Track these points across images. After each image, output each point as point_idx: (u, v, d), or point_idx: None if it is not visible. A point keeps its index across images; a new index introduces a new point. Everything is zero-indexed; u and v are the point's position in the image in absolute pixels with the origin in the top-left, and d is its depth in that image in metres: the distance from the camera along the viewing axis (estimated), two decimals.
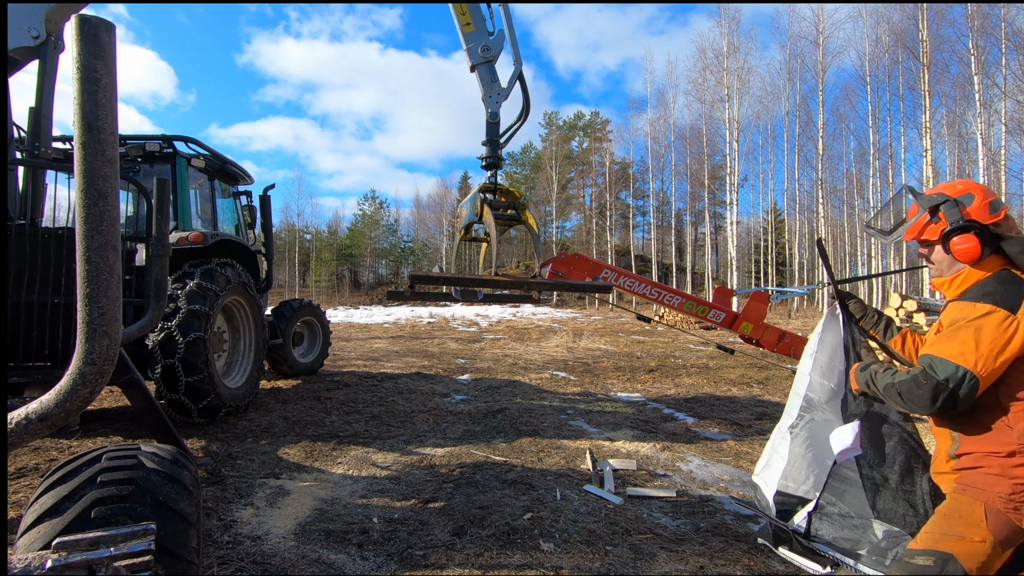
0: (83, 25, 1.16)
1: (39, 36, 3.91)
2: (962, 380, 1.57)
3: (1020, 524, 1.59)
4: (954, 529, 1.64)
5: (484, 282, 4.25)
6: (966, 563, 1.58)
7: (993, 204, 1.79)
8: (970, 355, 1.58)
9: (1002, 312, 1.59)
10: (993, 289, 1.67)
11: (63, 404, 1.21)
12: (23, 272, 3.57)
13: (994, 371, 1.59)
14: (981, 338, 1.58)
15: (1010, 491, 1.60)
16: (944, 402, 1.59)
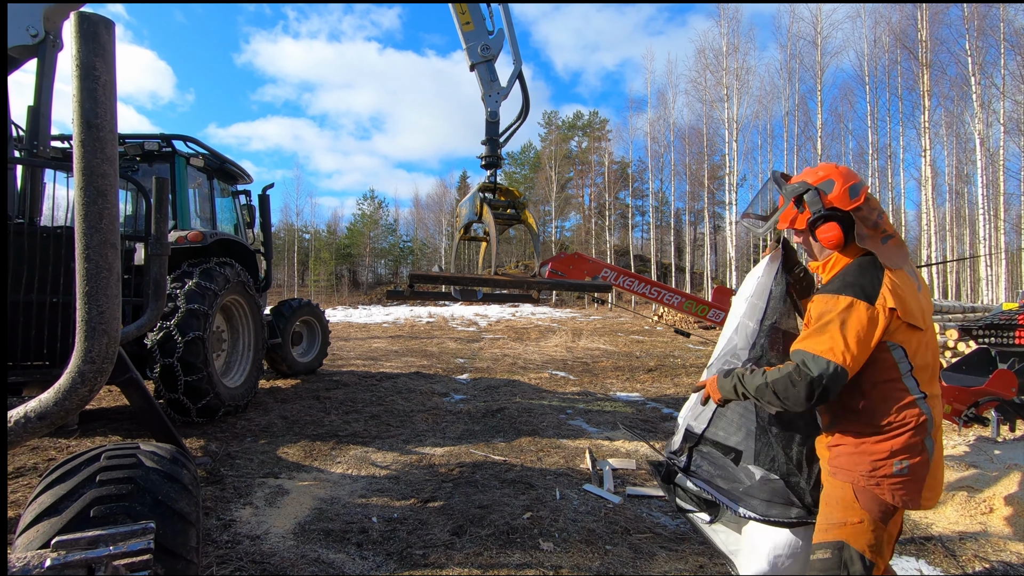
0: (82, 22, 1.16)
1: (38, 35, 3.90)
2: (834, 374, 1.60)
3: (889, 500, 1.64)
4: (835, 516, 1.69)
5: (484, 281, 4.24)
6: (857, 545, 1.63)
7: (853, 189, 1.78)
8: (838, 349, 1.60)
9: (863, 304, 1.62)
10: (853, 280, 1.69)
11: (62, 403, 1.20)
12: (22, 271, 3.56)
13: (859, 360, 1.63)
14: (847, 332, 1.61)
15: (870, 468, 1.65)
16: (819, 397, 1.63)
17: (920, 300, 1.70)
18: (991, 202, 19.40)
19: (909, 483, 1.63)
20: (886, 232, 1.75)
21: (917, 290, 1.72)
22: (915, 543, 3.11)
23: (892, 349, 1.64)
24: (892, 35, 22.30)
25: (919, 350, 1.66)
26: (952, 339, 9.35)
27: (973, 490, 3.67)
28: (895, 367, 1.65)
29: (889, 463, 1.63)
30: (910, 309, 1.64)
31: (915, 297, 1.68)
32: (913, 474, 1.63)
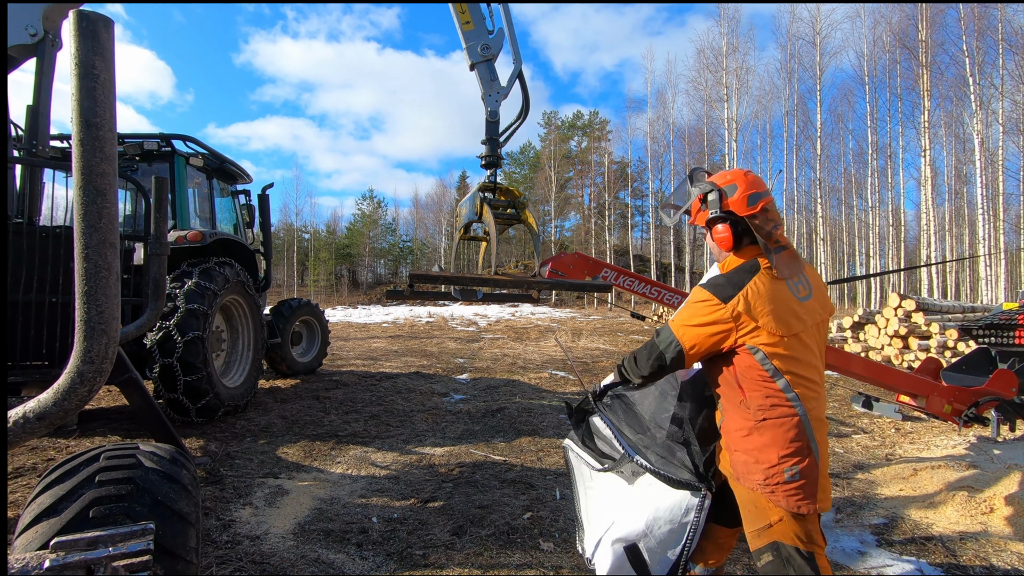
0: (81, 21, 1.15)
1: (37, 34, 3.89)
2: (669, 345, 1.77)
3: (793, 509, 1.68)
4: (758, 522, 1.77)
5: (484, 281, 4.23)
6: (788, 541, 1.71)
7: (752, 197, 1.84)
8: (681, 328, 1.77)
9: (714, 301, 1.74)
10: (722, 280, 1.80)
11: (61, 403, 1.20)
12: (20, 271, 3.55)
13: (698, 349, 1.77)
14: (692, 321, 1.76)
15: (763, 478, 1.72)
16: (658, 367, 1.80)
17: (793, 307, 1.77)
18: (990, 202, 19.41)
19: (804, 487, 1.67)
20: (779, 243, 1.82)
21: (795, 298, 1.79)
22: (915, 543, 3.11)
23: (753, 352, 1.73)
24: (892, 35, 22.32)
25: (779, 352, 1.72)
26: (952, 339, 9.36)
27: (973, 490, 3.67)
28: (759, 368, 1.73)
29: (780, 471, 1.68)
30: (764, 313, 1.71)
31: (784, 304, 1.75)
32: (805, 478, 1.68)
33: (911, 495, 3.83)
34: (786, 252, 1.82)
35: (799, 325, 1.76)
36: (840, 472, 4.33)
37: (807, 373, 1.75)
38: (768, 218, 1.82)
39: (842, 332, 11.43)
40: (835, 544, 3.11)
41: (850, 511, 3.57)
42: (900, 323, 9.89)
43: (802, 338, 1.77)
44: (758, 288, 1.73)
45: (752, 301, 1.71)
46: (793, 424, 1.69)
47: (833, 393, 7.26)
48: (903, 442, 5.17)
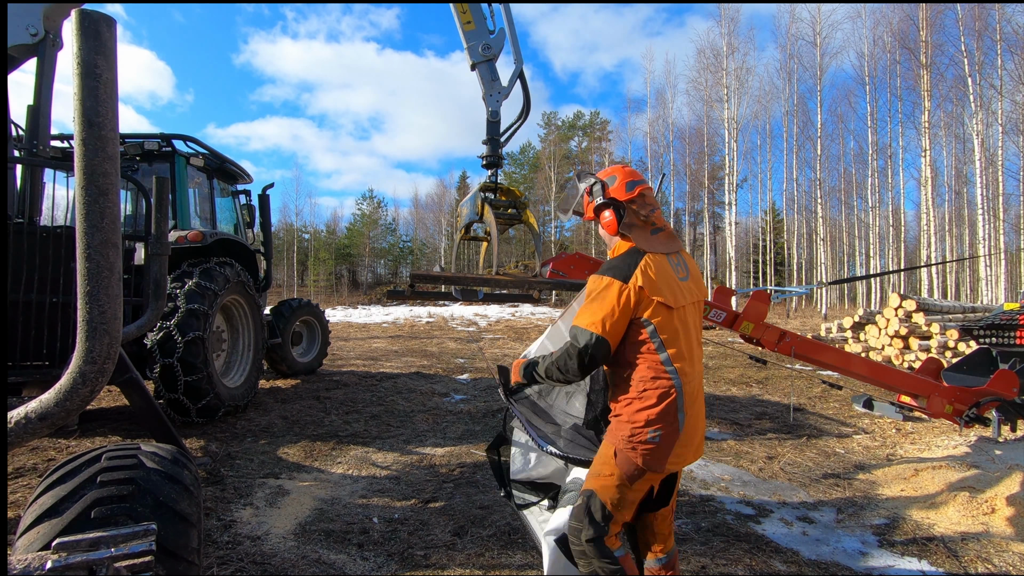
0: (84, 20, 1.15)
1: (37, 34, 3.88)
2: (596, 343, 1.85)
3: (639, 463, 1.87)
4: (596, 468, 1.97)
5: (485, 281, 4.23)
6: (602, 496, 1.91)
7: (629, 184, 2.06)
8: (598, 322, 1.86)
9: (618, 283, 1.87)
10: (616, 263, 1.94)
11: (63, 403, 1.19)
12: (21, 271, 3.55)
13: (616, 331, 1.88)
14: (604, 307, 1.87)
15: (629, 433, 1.88)
16: (587, 364, 1.89)
17: (676, 284, 1.96)
18: (990, 202, 19.41)
19: (658, 449, 1.87)
20: (655, 225, 2.04)
21: (676, 276, 1.98)
22: (917, 543, 3.10)
23: (645, 325, 1.89)
24: (893, 35, 22.31)
25: (667, 326, 1.90)
26: (953, 339, 9.35)
27: (975, 491, 3.66)
28: (648, 341, 1.89)
29: (645, 431, 1.87)
30: (658, 288, 1.89)
31: (669, 281, 1.94)
32: (663, 442, 1.87)
33: (912, 495, 3.83)
34: (663, 233, 2.04)
35: (683, 300, 1.96)
36: (841, 472, 4.33)
37: (685, 349, 1.93)
38: (645, 202, 2.05)
39: (842, 332, 11.42)
40: (836, 544, 3.11)
41: (851, 511, 3.57)
42: (901, 323, 9.89)
43: (684, 314, 1.96)
44: (649, 265, 1.91)
45: (647, 277, 1.88)
46: (668, 395, 1.87)
47: (834, 393, 7.26)
48: (904, 442, 5.17)
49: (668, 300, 1.89)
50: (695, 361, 1.97)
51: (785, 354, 4.61)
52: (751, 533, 3.21)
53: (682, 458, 1.93)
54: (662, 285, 1.89)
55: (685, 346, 1.93)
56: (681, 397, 1.88)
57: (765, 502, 3.71)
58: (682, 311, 1.94)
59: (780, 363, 9.27)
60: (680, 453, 1.91)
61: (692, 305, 2.02)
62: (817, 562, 2.91)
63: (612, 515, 1.91)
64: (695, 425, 1.94)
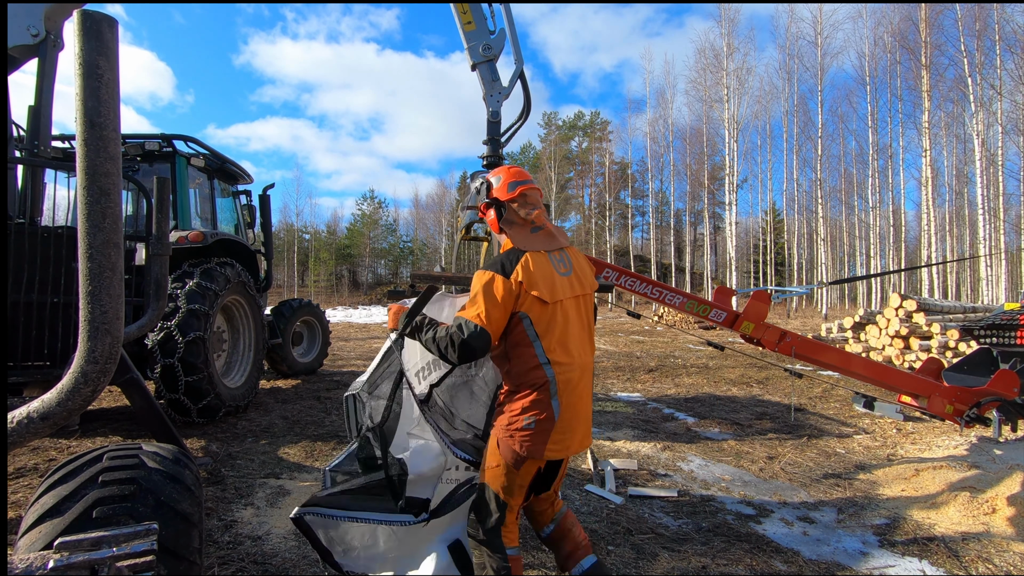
0: (86, 21, 1.15)
1: (38, 34, 3.89)
2: (478, 335, 1.92)
3: (517, 450, 1.96)
4: (485, 462, 2.09)
5: None
6: (492, 486, 2.03)
7: (511, 184, 2.17)
8: (481, 314, 1.93)
9: (500, 278, 1.97)
10: (499, 259, 2.04)
11: (65, 403, 1.20)
12: (22, 271, 3.55)
13: (497, 324, 1.97)
14: (487, 300, 1.94)
15: (507, 422, 2.00)
16: (468, 354, 1.94)
17: (555, 280, 2.06)
18: (991, 202, 19.40)
19: (535, 436, 1.96)
20: (535, 224, 2.15)
21: (556, 272, 2.08)
22: (918, 544, 3.10)
23: (523, 318, 1.99)
24: (893, 36, 22.31)
25: (541, 319, 2.00)
26: (953, 339, 9.35)
27: (976, 491, 3.66)
28: (525, 334, 1.99)
29: (521, 419, 1.97)
30: (535, 283, 1.99)
31: (547, 276, 2.03)
32: (538, 429, 1.96)
33: (913, 495, 3.83)
34: (542, 231, 2.14)
35: (562, 294, 2.06)
36: (841, 472, 4.33)
37: (561, 341, 2.02)
38: (527, 202, 2.16)
39: (843, 332, 11.42)
40: (837, 544, 3.11)
41: (852, 511, 3.57)
42: (901, 323, 9.89)
43: (563, 307, 2.06)
44: (529, 261, 2.02)
45: (527, 272, 1.99)
46: (541, 385, 1.97)
47: (834, 393, 7.26)
48: (904, 442, 5.17)
49: (544, 295, 1.99)
50: (574, 353, 2.05)
51: (786, 354, 4.61)
52: (752, 533, 3.21)
53: (563, 445, 2.01)
54: (539, 280, 2.00)
55: (561, 338, 2.02)
56: (554, 386, 1.97)
57: (766, 502, 3.71)
58: (560, 305, 2.05)
59: (780, 363, 9.28)
60: (559, 440, 1.99)
61: (574, 299, 2.11)
62: (818, 562, 2.91)
63: (505, 503, 2.02)
64: (574, 414, 2.02)
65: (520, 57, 4.31)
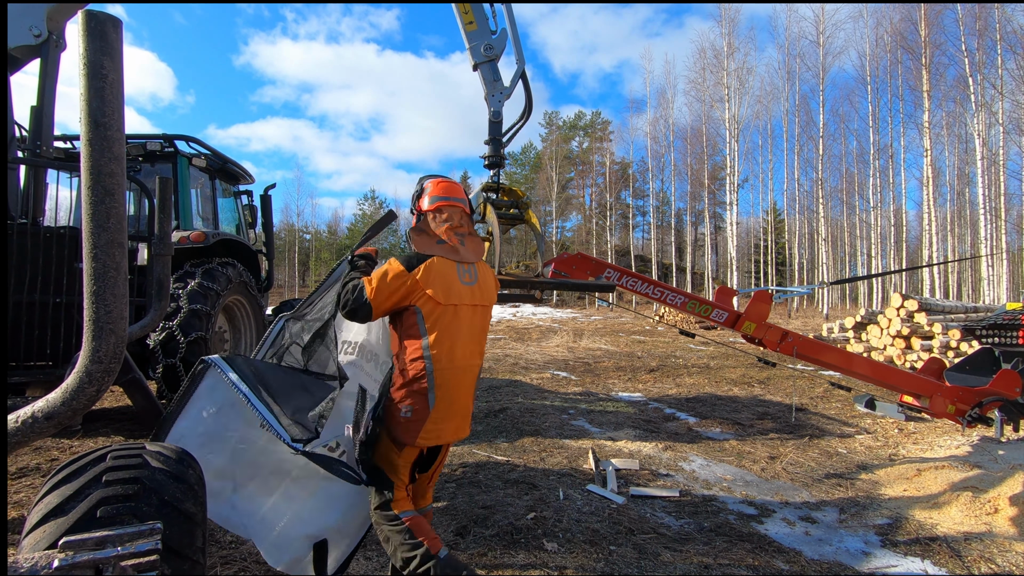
0: (90, 21, 1.15)
1: (41, 35, 3.90)
2: (363, 301, 2.12)
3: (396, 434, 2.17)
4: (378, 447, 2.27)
5: None
6: (381, 463, 2.23)
7: (432, 199, 2.38)
8: (375, 289, 2.13)
9: (401, 268, 2.15)
10: (410, 255, 2.23)
11: (70, 402, 1.20)
12: (25, 271, 3.55)
13: (381, 305, 2.14)
14: (381, 281, 2.14)
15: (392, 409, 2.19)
16: (348, 312, 2.16)
17: (454, 286, 2.24)
18: (992, 202, 19.38)
19: (410, 424, 2.15)
20: (440, 239, 2.32)
21: (458, 280, 2.26)
22: (920, 543, 3.10)
23: (415, 311, 2.18)
24: (894, 35, 22.28)
25: (431, 315, 2.18)
26: (955, 339, 9.34)
27: (978, 490, 3.66)
28: (416, 326, 2.18)
29: (400, 406, 2.17)
30: (432, 283, 2.18)
31: (447, 281, 2.22)
32: (414, 417, 2.15)
33: (915, 495, 3.82)
34: (446, 245, 2.32)
35: (456, 299, 2.23)
36: (843, 472, 4.33)
37: (448, 340, 2.19)
38: (441, 218, 2.35)
39: (844, 332, 11.41)
40: (839, 545, 3.11)
41: (854, 511, 3.57)
42: (902, 323, 9.88)
43: (457, 311, 2.24)
44: (434, 264, 2.20)
45: (427, 272, 2.18)
46: (420, 375, 2.15)
47: (836, 393, 7.26)
48: (906, 442, 5.16)
49: (439, 296, 2.18)
50: (458, 354, 2.22)
51: (787, 354, 4.61)
52: (753, 533, 3.21)
53: (436, 434, 2.19)
54: (436, 282, 2.19)
55: (449, 337, 2.20)
56: (431, 378, 2.15)
57: (767, 502, 3.70)
58: (455, 308, 2.23)
59: (782, 363, 9.27)
60: (433, 429, 2.17)
61: (471, 307, 2.30)
62: (820, 562, 2.90)
63: (391, 481, 2.21)
64: (448, 407, 2.20)
65: (521, 57, 4.32)
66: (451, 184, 2.45)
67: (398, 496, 2.22)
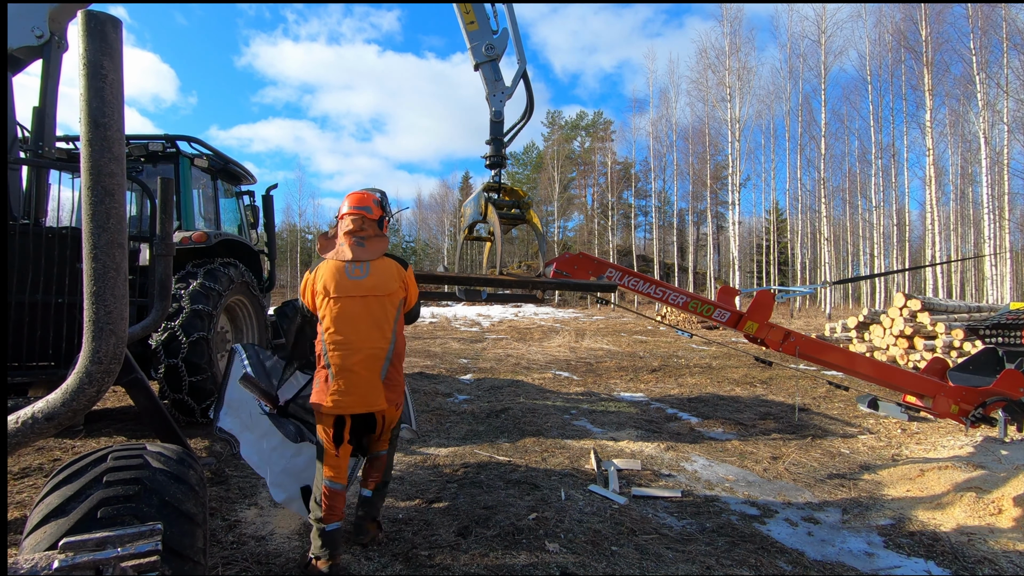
0: (90, 21, 1.15)
1: (43, 35, 3.90)
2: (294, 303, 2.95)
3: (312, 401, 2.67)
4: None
5: (488, 281, 4.23)
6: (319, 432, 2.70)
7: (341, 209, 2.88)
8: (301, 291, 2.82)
9: (308, 273, 2.79)
10: (317, 261, 2.81)
11: (70, 403, 1.20)
12: (27, 272, 3.56)
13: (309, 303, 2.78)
14: (303, 285, 2.80)
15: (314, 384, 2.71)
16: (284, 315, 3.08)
17: (343, 281, 2.68)
18: (996, 201, 19.31)
19: (317, 393, 2.66)
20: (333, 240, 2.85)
21: (347, 276, 2.70)
22: (923, 544, 3.09)
23: (318, 306, 2.71)
24: (895, 34, 22.22)
25: (325, 307, 2.67)
26: (958, 339, 9.31)
27: (981, 491, 3.64)
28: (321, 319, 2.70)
29: (313, 380, 2.73)
30: (319, 281, 2.72)
31: (337, 278, 2.69)
32: (320, 387, 2.65)
33: (918, 496, 3.81)
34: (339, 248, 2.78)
35: (343, 292, 2.66)
36: (846, 473, 4.32)
37: (341, 326, 2.64)
38: (343, 224, 2.83)
39: (847, 332, 11.38)
40: (842, 545, 3.10)
41: (857, 512, 3.55)
42: (905, 323, 9.85)
43: (347, 303, 2.66)
44: (325, 265, 2.75)
45: (317, 273, 2.75)
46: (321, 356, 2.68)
47: (838, 393, 7.24)
48: (909, 443, 5.14)
49: (329, 290, 2.66)
50: (353, 338, 2.63)
51: (790, 354, 4.59)
52: (756, 534, 3.20)
53: (341, 405, 2.60)
54: (327, 280, 2.69)
55: (341, 324, 2.64)
56: (326, 358, 2.63)
57: (770, 502, 3.69)
58: (345, 300, 2.66)
59: (784, 363, 9.24)
60: (338, 400, 2.59)
61: (362, 298, 2.68)
62: (823, 563, 2.89)
63: (320, 439, 2.70)
64: (347, 381, 2.60)
65: (523, 57, 4.31)
66: (359, 195, 2.89)
67: (328, 462, 2.68)
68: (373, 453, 2.88)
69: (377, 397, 2.66)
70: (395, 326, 2.75)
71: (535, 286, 4.22)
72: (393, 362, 2.73)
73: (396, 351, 2.75)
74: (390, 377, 2.71)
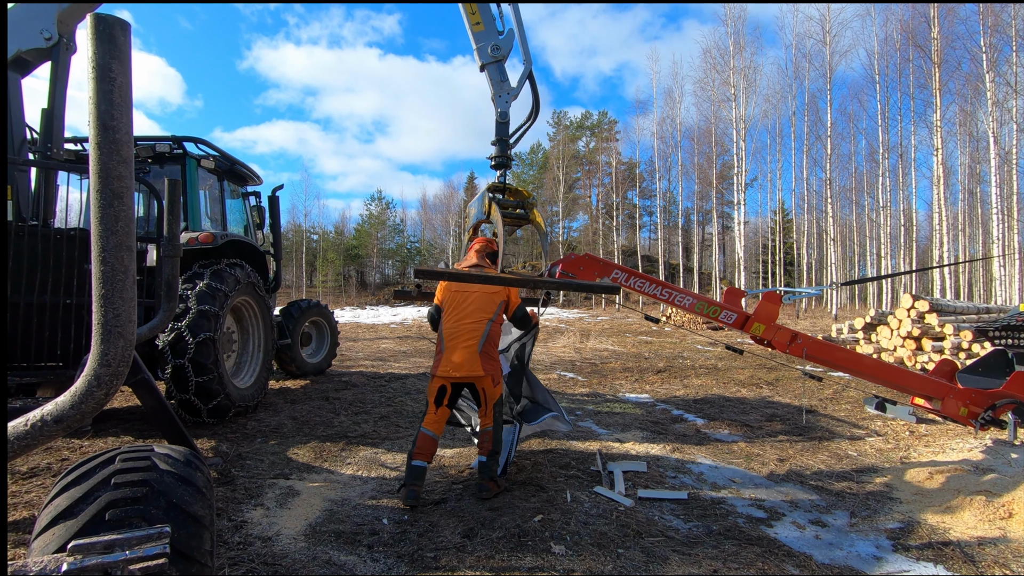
0: (98, 24, 1.15)
1: (51, 38, 3.93)
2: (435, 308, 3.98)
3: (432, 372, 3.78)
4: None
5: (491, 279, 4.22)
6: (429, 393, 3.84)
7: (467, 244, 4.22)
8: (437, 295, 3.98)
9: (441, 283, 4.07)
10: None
11: (79, 406, 1.20)
12: (35, 273, 3.58)
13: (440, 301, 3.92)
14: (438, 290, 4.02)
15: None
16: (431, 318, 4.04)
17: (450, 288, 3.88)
18: (1005, 201, 19.14)
19: (435, 365, 3.73)
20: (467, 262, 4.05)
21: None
22: (933, 548, 3.06)
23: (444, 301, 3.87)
24: (903, 33, 22.07)
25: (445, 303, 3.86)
26: (967, 340, 9.23)
27: (991, 495, 3.61)
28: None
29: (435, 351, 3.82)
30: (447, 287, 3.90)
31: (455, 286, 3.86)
32: (436, 360, 3.74)
33: (927, 499, 3.78)
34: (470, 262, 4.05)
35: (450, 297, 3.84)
36: (854, 475, 4.28)
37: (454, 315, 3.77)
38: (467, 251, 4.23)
39: (854, 333, 11.31)
40: (850, 549, 3.07)
41: (865, 515, 3.52)
42: (913, 324, 9.77)
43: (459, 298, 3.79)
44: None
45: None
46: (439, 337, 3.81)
47: (845, 395, 7.19)
48: (918, 445, 5.10)
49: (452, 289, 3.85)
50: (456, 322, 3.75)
51: (797, 355, 4.56)
52: (763, 536, 3.18)
53: (446, 371, 3.66)
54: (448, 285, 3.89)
55: (453, 313, 3.77)
56: (441, 336, 3.75)
57: (777, 505, 3.67)
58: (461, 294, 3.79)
59: (790, 364, 9.18)
60: (444, 368, 3.66)
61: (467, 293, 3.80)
62: (830, 566, 2.87)
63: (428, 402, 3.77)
64: (452, 352, 3.66)
65: (529, 58, 4.30)
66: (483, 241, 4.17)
67: (428, 415, 3.74)
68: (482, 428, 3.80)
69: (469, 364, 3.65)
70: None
71: (537, 286, 4.21)
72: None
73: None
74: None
